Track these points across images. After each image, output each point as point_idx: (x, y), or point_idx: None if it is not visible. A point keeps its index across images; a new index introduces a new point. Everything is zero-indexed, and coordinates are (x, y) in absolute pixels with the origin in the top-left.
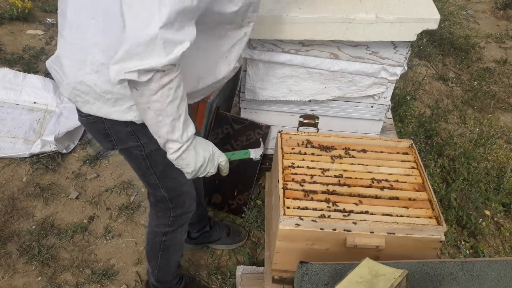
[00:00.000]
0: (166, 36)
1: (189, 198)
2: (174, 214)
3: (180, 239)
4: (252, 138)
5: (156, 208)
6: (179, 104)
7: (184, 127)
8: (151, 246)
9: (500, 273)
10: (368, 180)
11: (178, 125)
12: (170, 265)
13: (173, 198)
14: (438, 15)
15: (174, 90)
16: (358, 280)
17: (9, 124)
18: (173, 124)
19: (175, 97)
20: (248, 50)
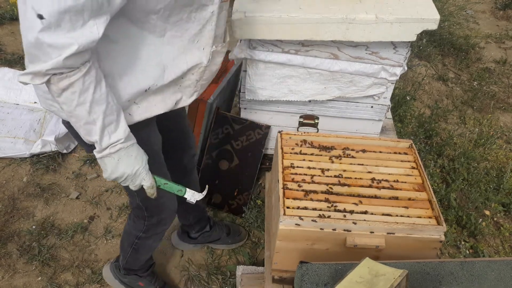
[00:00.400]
0: (48, 40)
1: (166, 210)
2: (149, 223)
3: (152, 244)
4: (252, 138)
5: (133, 212)
6: (89, 108)
7: (103, 132)
8: (124, 240)
9: (500, 273)
10: (368, 180)
11: (94, 129)
12: (137, 262)
13: (148, 208)
14: (438, 15)
15: (78, 94)
16: (358, 280)
17: (9, 124)
18: (87, 127)
19: (82, 101)
20: (248, 50)
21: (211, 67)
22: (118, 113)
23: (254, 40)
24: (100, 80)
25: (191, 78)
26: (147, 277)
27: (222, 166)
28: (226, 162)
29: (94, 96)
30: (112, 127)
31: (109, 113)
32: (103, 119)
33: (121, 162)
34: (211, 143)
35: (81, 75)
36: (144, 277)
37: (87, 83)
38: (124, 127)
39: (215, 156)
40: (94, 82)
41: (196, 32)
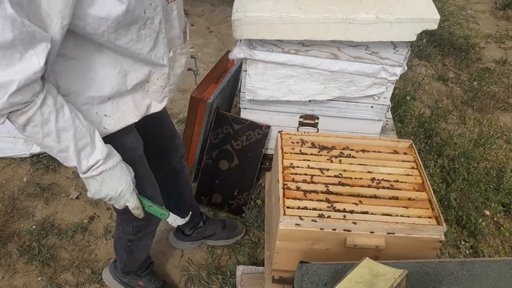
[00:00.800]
0: None
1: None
2: (138, 224)
3: (146, 244)
4: (252, 138)
5: (120, 216)
6: (56, 138)
7: (79, 157)
8: (117, 245)
9: (500, 273)
10: (368, 180)
11: (69, 156)
12: (135, 262)
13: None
14: (438, 15)
15: (40, 127)
16: (358, 280)
17: (9, 124)
18: (62, 155)
19: (47, 133)
20: (248, 50)
21: (176, 70)
22: (92, 134)
23: (254, 40)
24: (60, 108)
25: (157, 83)
26: (146, 276)
27: (222, 166)
28: (226, 162)
29: (57, 126)
30: (88, 149)
31: (80, 137)
32: (75, 144)
33: (104, 184)
34: (211, 143)
35: (37, 108)
36: (144, 276)
37: (46, 114)
38: (100, 148)
39: (215, 156)
40: (54, 111)
41: (150, 47)
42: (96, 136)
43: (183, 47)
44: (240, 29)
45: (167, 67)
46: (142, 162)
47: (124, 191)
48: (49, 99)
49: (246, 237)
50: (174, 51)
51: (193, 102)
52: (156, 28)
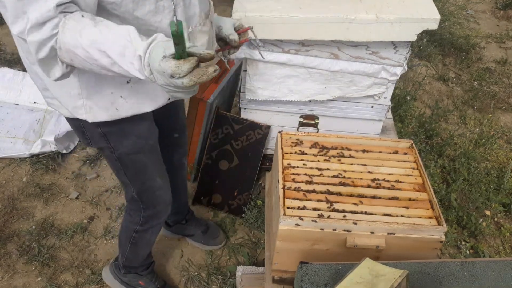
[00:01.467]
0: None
1: (161, 202)
2: (145, 215)
3: (150, 238)
4: (252, 138)
5: (129, 205)
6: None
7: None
8: (122, 236)
9: (501, 273)
10: (368, 180)
11: (127, 47)
12: (137, 257)
13: (144, 200)
14: (438, 15)
15: (75, 35)
16: (358, 281)
17: (9, 124)
18: (124, 53)
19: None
20: (248, 50)
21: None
22: (127, 33)
23: (254, 40)
24: (89, 18)
25: None
26: (147, 275)
27: (222, 166)
28: (226, 162)
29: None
30: (129, 48)
31: (117, 42)
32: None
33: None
34: (211, 143)
35: (61, 29)
36: (144, 276)
37: (73, 22)
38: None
39: (215, 156)
40: (80, 20)
41: (168, 20)
42: (132, 33)
43: (204, 24)
44: None
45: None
46: (153, 152)
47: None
48: (69, 19)
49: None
50: (194, 28)
51: (193, 102)
52: (175, 1)
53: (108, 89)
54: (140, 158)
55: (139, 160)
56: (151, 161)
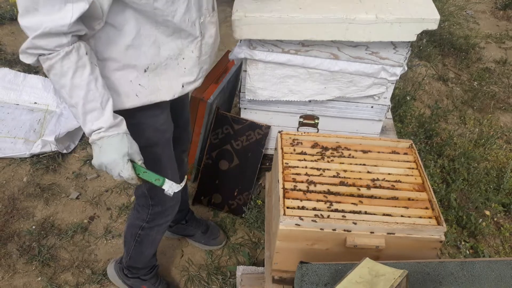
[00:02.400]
0: (23, 23)
1: (170, 200)
2: (153, 212)
3: (155, 237)
4: (252, 138)
5: (138, 201)
6: (69, 92)
7: (85, 118)
8: (128, 233)
9: (500, 273)
10: (368, 180)
11: (77, 113)
12: (141, 257)
13: (153, 196)
14: (438, 15)
15: (58, 77)
16: (358, 280)
17: (9, 124)
18: (72, 110)
19: (62, 84)
20: (248, 50)
21: (207, 40)
22: (104, 102)
23: (254, 40)
24: (81, 66)
25: (192, 56)
26: (150, 279)
27: (222, 166)
28: (226, 162)
29: (72, 81)
30: (95, 114)
31: (91, 99)
32: (83, 104)
33: (102, 151)
34: (211, 143)
35: (59, 58)
36: (147, 280)
37: (66, 67)
38: (108, 117)
39: (215, 156)
40: (73, 67)
41: (184, 10)
42: (108, 106)
43: (212, 16)
44: (240, 29)
45: (199, 35)
46: (168, 146)
47: (117, 160)
48: (73, 55)
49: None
50: (204, 18)
51: (193, 102)
52: None
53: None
54: (155, 151)
55: (155, 153)
56: (165, 155)
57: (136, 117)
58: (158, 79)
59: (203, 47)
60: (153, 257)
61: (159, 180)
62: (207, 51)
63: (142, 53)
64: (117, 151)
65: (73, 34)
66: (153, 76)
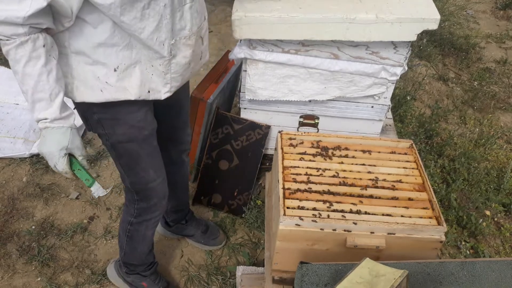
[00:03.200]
0: None
1: (154, 196)
2: (139, 207)
3: (145, 233)
4: (252, 138)
5: (126, 196)
6: (21, 79)
7: (34, 106)
8: (120, 229)
9: (501, 273)
10: (368, 180)
11: (27, 100)
12: (135, 253)
13: (138, 192)
14: (438, 15)
15: (13, 63)
16: (358, 281)
17: (9, 124)
18: (24, 96)
19: (16, 70)
20: (248, 50)
21: (179, 60)
22: (53, 95)
23: (254, 40)
24: (35, 58)
25: (159, 68)
26: (150, 276)
27: (222, 166)
28: (226, 162)
29: (24, 70)
30: (43, 104)
31: (40, 90)
32: (32, 93)
33: (44, 140)
34: (211, 143)
35: (14, 46)
36: (147, 277)
37: (19, 55)
38: (54, 110)
39: (215, 156)
40: (26, 56)
41: (153, 29)
42: (57, 99)
43: (189, 39)
44: (240, 29)
45: (167, 55)
46: (148, 143)
47: (54, 153)
48: (28, 45)
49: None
50: (178, 40)
51: (193, 102)
52: (160, 11)
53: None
54: (132, 147)
55: (132, 149)
56: (145, 152)
57: (110, 112)
58: (127, 80)
59: (173, 66)
60: (149, 254)
61: (88, 181)
62: (178, 70)
63: (113, 53)
64: (57, 143)
65: (31, 26)
66: (123, 76)
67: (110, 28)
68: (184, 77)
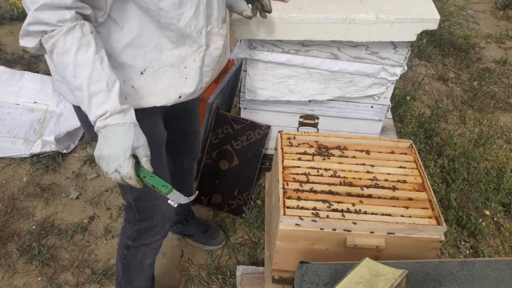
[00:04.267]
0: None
1: (158, 215)
2: (139, 227)
3: (143, 260)
4: (252, 138)
5: (125, 214)
6: (73, 71)
7: (90, 102)
8: (117, 253)
9: (500, 273)
10: (368, 180)
11: (82, 97)
12: (131, 286)
13: (140, 209)
14: (438, 15)
15: (62, 55)
16: (358, 280)
17: (9, 124)
18: (77, 95)
19: (66, 63)
20: (248, 50)
21: (212, 51)
22: (110, 84)
23: (254, 40)
24: (86, 44)
25: (194, 66)
26: None
27: (222, 166)
28: (226, 162)
29: (76, 58)
30: (101, 97)
31: (96, 80)
32: (88, 85)
33: (105, 141)
34: (211, 143)
35: (62, 34)
36: None
37: (68, 43)
38: (113, 101)
39: (215, 156)
40: (76, 43)
41: (191, 15)
42: (114, 88)
43: (221, 28)
44: (240, 29)
45: (204, 44)
46: (158, 154)
47: (118, 154)
48: (76, 31)
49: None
50: (212, 28)
51: None
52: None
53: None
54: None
55: None
56: (156, 163)
57: None
58: (154, 83)
59: (206, 58)
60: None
61: (166, 187)
62: (210, 63)
63: (141, 54)
64: (121, 143)
65: (77, 10)
66: (150, 79)
67: (137, 28)
68: (214, 72)
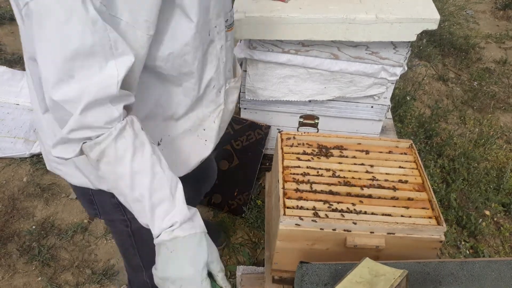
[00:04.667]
0: (58, 98)
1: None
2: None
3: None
4: (252, 138)
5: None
6: (130, 183)
7: (153, 215)
8: None
9: (500, 273)
10: (367, 180)
11: (143, 209)
12: None
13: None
14: (438, 15)
15: (113, 165)
16: (358, 280)
17: (9, 124)
18: (136, 207)
19: (120, 175)
20: (248, 50)
21: (228, 106)
22: (173, 188)
23: (254, 40)
24: (140, 146)
25: (213, 127)
26: None
27: (222, 166)
28: (226, 162)
29: (132, 165)
30: (165, 205)
31: (158, 187)
32: (150, 195)
33: (172, 258)
34: None
35: (112, 139)
36: None
37: (121, 150)
38: (181, 207)
39: (215, 156)
40: (131, 148)
41: (212, 75)
42: (178, 192)
43: (236, 81)
44: (240, 29)
45: (223, 102)
46: None
47: (195, 275)
48: (127, 132)
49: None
50: (229, 83)
51: None
52: (218, 54)
53: None
54: None
55: None
56: None
57: None
58: (174, 154)
59: (224, 115)
60: None
61: None
62: (226, 118)
63: (157, 124)
64: (195, 260)
65: (124, 103)
66: (168, 151)
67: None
68: (226, 124)
